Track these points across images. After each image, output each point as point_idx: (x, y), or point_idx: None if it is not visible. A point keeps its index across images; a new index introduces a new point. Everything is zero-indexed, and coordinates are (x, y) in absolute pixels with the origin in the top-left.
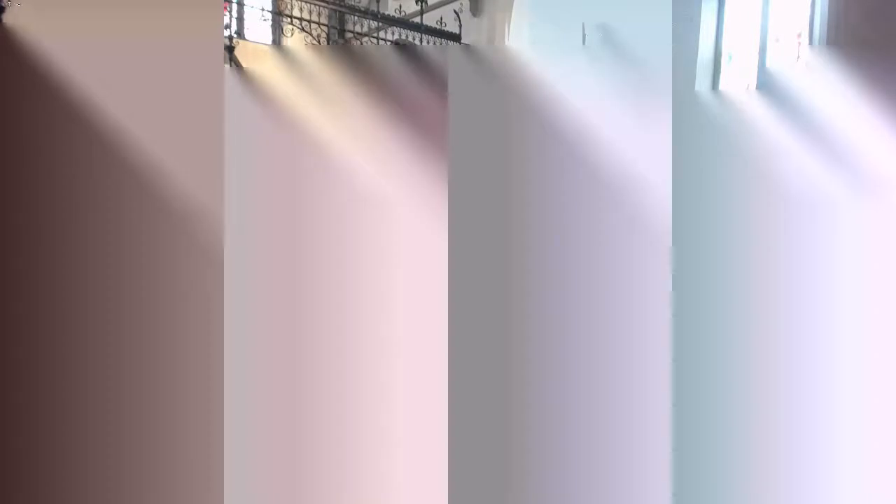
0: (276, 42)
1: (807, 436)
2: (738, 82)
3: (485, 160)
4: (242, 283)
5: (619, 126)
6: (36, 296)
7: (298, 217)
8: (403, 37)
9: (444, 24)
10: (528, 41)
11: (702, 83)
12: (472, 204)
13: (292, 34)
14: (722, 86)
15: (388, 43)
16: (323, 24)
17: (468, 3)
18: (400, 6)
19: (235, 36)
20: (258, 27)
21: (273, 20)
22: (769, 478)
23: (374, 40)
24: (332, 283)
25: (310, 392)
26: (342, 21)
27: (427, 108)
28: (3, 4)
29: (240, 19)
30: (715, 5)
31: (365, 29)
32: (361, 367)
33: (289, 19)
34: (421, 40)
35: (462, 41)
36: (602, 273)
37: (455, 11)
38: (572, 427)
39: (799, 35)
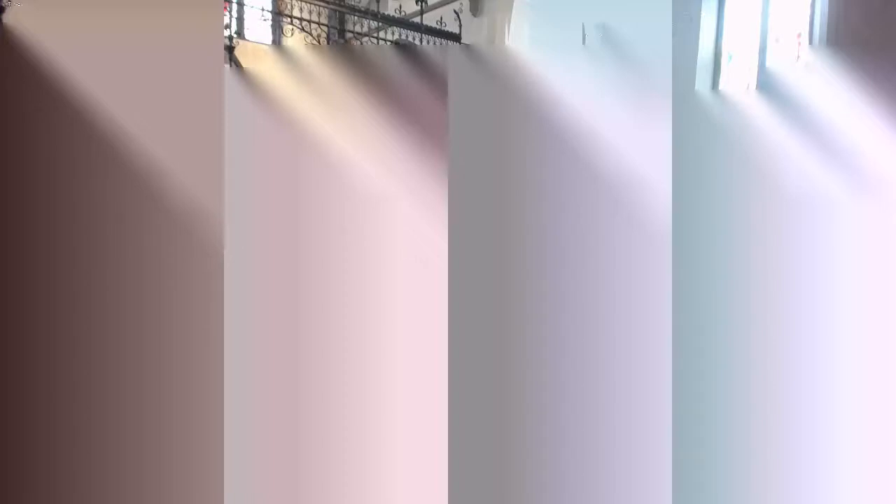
0: (276, 42)
1: (806, 434)
2: (738, 82)
3: (484, 160)
4: (242, 283)
5: (619, 126)
6: (35, 295)
7: (298, 217)
8: (403, 37)
9: (444, 24)
10: (528, 41)
11: (702, 83)
12: (471, 204)
13: (292, 34)
14: (722, 86)
15: (388, 43)
16: (323, 24)
17: (468, 3)
18: (400, 6)
19: (235, 36)
20: (258, 27)
21: (273, 20)
22: (769, 477)
23: (374, 40)
24: (332, 283)
25: (310, 391)
26: (342, 21)
27: (427, 108)
28: (3, 4)
29: (240, 19)
30: (715, 5)
31: (365, 29)
32: (362, 366)
33: (289, 19)
34: (421, 40)
35: (462, 41)
36: (602, 273)
37: (455, 11)
38: (573, 427)
39: (799, 35)
